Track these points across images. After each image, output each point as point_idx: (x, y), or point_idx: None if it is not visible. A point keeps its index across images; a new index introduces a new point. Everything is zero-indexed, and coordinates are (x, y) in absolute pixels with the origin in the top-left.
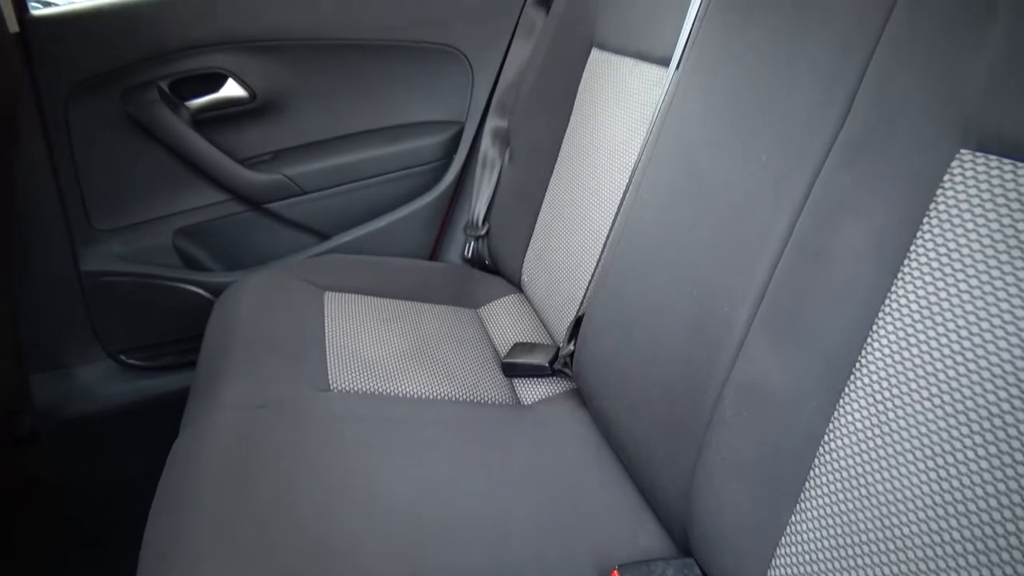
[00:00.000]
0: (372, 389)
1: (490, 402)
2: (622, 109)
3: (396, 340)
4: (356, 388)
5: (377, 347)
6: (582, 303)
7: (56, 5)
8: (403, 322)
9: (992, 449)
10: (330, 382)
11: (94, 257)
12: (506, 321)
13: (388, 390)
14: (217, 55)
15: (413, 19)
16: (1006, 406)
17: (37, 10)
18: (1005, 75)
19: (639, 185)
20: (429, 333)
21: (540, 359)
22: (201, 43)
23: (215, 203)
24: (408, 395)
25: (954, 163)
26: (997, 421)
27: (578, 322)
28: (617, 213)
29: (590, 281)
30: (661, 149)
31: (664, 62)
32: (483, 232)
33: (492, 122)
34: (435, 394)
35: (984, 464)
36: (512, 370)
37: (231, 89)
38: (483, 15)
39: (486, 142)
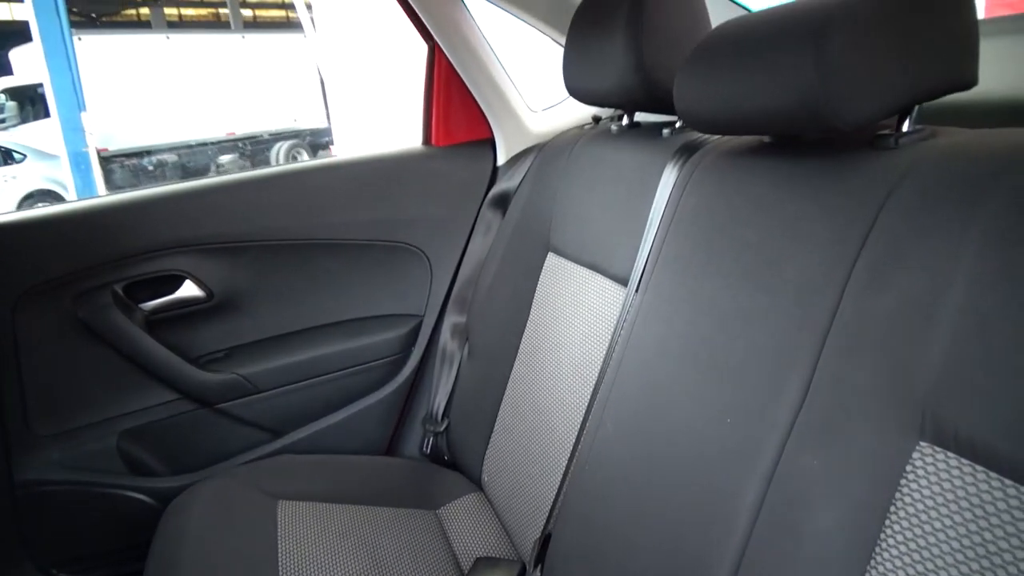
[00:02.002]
0: None
1: None
2: (581, 321)
3: (351, 558)
4: None
5: (332, 566)
6: (548, 520)
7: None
8: (359, 535)
9: None
10: None
11: (30, 465)
12: (467, 525)
13: None
14: (175, 257)
15: (373, 221)
16: None
17: None
18: (959, 363)
19: (603, 411)
20: (386, 549)
21: None
22: (159, 247)
23: (164, 403)
24: None
25: (915, 454)
26: None
27: (544, 542)
28: (581, 430)
29: (555, 497)
30: (623, 380)
31: (620, 279)
32: (442, 428)
33: (451, 317)
34: None
35: None
36: None
37: (188, 289)
38: (442, 215)
39: (445, 336)
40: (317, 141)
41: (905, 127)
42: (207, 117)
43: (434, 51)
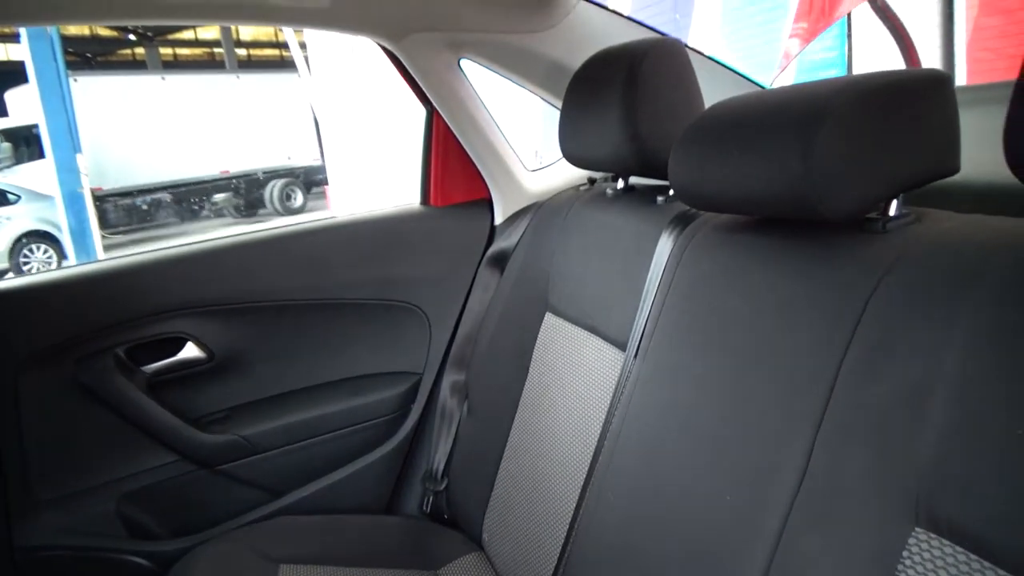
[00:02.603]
0: None
1: None
2: (579, 383)
3: None
4: None
5: None
6: None
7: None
8: None
9: None
10: None
11: (31, 531)
12: None
13: None
14: (177, 320)
15: (373, 280)
16: None
17: None
18: (950, 454)
19: (603, 478)
20: None
21: None
22: (161, 310)
23: (164, 464)
24: None
25: (911, 539)
26: None
27: None
28: (581, 496)
29: (557, 563)
30: (623, 449)
31: (619, 343)
32: (442, 487)
33: (450, 375)
34: None
35: None
36: None
37: (189, 351)
38: (441, 274)
39: (444, 394)
40: (312, 179)
41: (892, 211)
42: (202, 155)
43: (432, 115)
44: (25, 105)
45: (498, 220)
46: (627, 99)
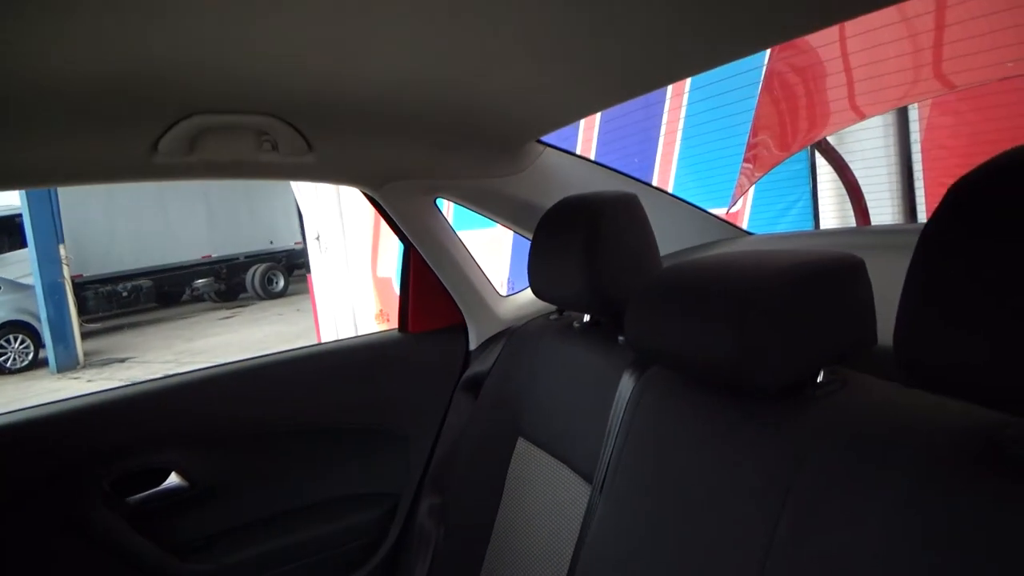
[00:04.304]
0: None
1: None
2: (549, 510)
3: None
4: None
5: None
6: None
7: None
8: None
9: None
10: None
11: None
12: None
13: None
14: (163, 452)
15: (354, 406)
16: None
17: None
18: None
19: None
20: None
21: None
22: (147, 442)
23: None
24: None
25: None
26: None
27: None
28: None
29: None
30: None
31: (585, 475)
32: None
33: (427, 497)
34: None
35: None
36: None
37: (172, 480)
38: (418, 398)
39: (422, 516)
40: (294, 262)
41: (820, 379)
42: (183, 240)
43: (409, 248)
44: (7, 195)
45: (472, 345)
46: (588, 250)
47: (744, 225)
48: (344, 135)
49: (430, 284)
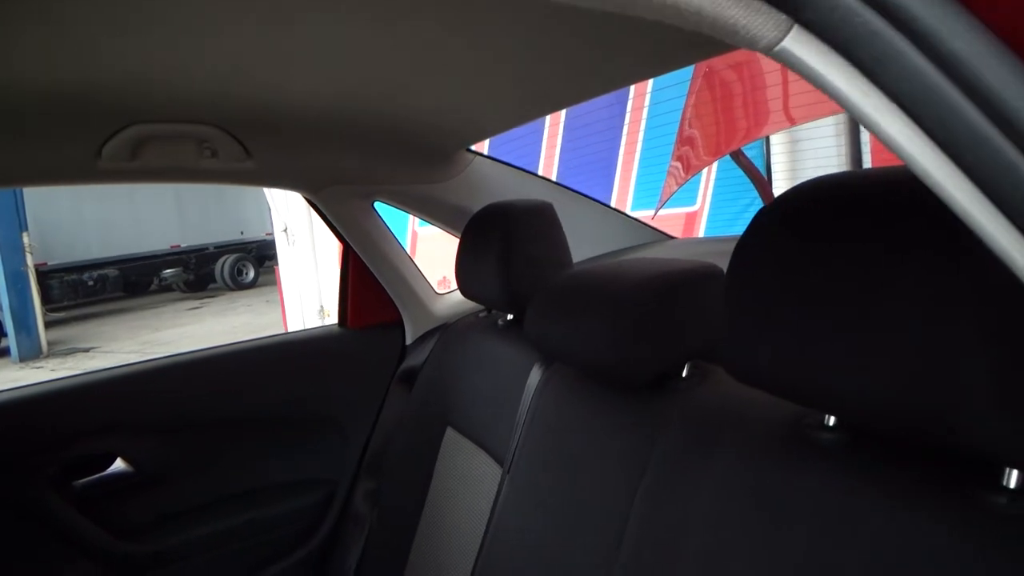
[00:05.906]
0: None
1: None
2: (469, 492)
3: None
4: None
5: None
6: None
7: None
8: None
9: None
10: None
11: None
12: None
13: None
14: (108, 438)
15: (296, 397)
16: None
17: None
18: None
19: None
20: None
21: None
22: (93, 429)
23: None
24: None
25: None
26: None
27: None
28: None
29: None
30: (495, 553)
31: (499, 459)
32: None
33: (363, 483)
34: None
35: None
36: None
37: (118, 465)
38: (356, 390)
39: (357, 501)
40: (265, 253)
41: (684, 373)
42: (151, 229)
43: (348, 249)
44: None
45: (408, 340)
46: (503, 254)
47: (702, 226)
48: (282, 143)
49: (368, 282)
